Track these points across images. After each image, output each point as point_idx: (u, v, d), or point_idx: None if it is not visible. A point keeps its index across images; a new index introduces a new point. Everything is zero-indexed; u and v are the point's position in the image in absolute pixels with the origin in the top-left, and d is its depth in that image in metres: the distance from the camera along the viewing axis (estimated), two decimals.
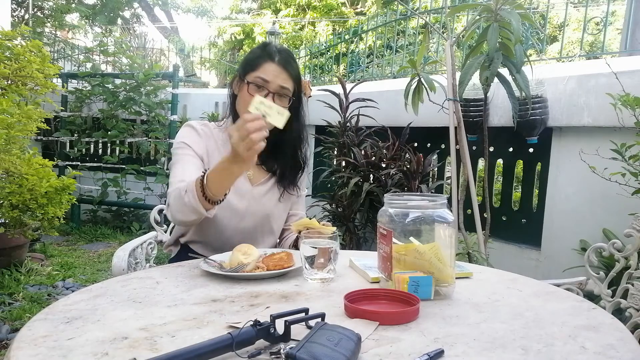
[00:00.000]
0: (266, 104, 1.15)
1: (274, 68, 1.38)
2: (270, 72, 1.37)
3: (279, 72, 1.38)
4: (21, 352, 0.73)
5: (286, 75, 1.39)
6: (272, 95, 1.37)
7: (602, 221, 2.46)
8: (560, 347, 0.77)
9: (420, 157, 3.00)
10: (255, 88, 1.37)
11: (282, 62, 1.38)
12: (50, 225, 2.42)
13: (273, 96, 1.37)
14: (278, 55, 1.39)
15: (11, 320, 2.73)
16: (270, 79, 1.37)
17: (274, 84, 1.37)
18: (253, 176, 1.50)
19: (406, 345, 0.77)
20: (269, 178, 1.52)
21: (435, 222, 1.01)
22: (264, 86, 1.37)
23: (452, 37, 2.50)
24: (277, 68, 1.38)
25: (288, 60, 1.40)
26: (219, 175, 1.20)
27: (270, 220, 1.51)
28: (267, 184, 1.51)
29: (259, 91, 1.36)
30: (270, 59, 1.38)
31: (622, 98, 2.07)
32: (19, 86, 2.39)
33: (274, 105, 1.16)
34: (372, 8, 12.37)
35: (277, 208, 1.52)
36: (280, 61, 1.38)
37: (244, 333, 0.73)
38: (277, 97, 1.38)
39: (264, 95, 1.35)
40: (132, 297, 0.98)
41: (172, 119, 4.92)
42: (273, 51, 1.40)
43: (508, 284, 1.14)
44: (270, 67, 1.37)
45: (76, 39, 9.81)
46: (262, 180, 1.51)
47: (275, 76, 1.37)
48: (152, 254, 1.67)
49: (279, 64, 1.38)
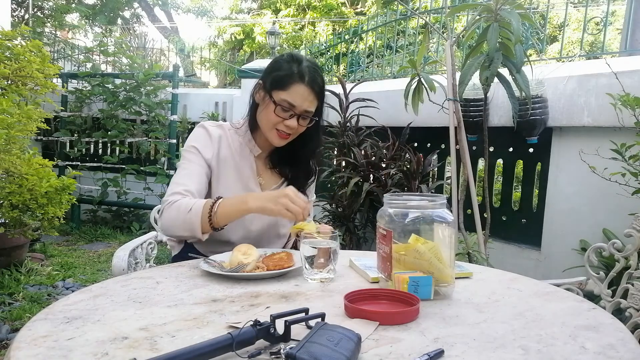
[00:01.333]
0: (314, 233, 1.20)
1: (303, 91, 1.36)
2: (299, 95, 1.36)
3: (307, 95, 1.37)
4: (21, 352, 0.73)
5: (313, 97, 1.38)
6: (296, 118, 1.38)
7: (602, 221, 2.46)
8: (560, 347, 0.77)
9: (420, 157, 3.00)
10: (281, 110, 1.37)
11: (311, 83, 1.37)
12: (50, 225, 2.42)
13: (297, 118, 1.38)
14: (308, 75, 1.37)
15: (11, 320, 2.73)
16: (298, 104, 1.36)
17: (300, 107, 1.37)
18: (264, 182, 1.50)
19: (406, 345, 0.77)
20: (280, 184, 1.52)
21: (435, 222, 1.01)
22: (291, 109, 1.37)
23: (452, 37, 2.50)
24: (306, 90, 1.36)
25: (316, 79, 1.38)
26: (235, 208, 1.25)
27: (278, 225, 1.50)
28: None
29: (284, 113, 1.37)
30: (300, 80, 1.36)
31: (622, 98, 2.07)
32: (19, 86, 2.39)
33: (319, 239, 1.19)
34: (372, 8, 12.37)
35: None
36: (309, 82, 1.37)
37: (244, 333, 0.73)
38: (301, 118, 1.39)
39: (288, 116, 1.37)
40: (132, 297, 0.98)
41: (172, 119, 4.92)
42: (304, 71, 1.37)
43: (508, 284, 1.14)
44: (299, 89, 1.36)
45: (76, 39, 9.81)
46: (273, 186, 1.51)
47: (303, 100, 1.37)
48: (152, 254, 1.67)
49: (307, 85, 1.36)
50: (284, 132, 1.39)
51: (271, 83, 1.39)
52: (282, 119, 1.37)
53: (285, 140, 1.42)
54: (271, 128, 1.40)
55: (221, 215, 1.25)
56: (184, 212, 1.26)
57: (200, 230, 1.26)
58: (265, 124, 1.41)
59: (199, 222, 1.25)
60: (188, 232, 1.28)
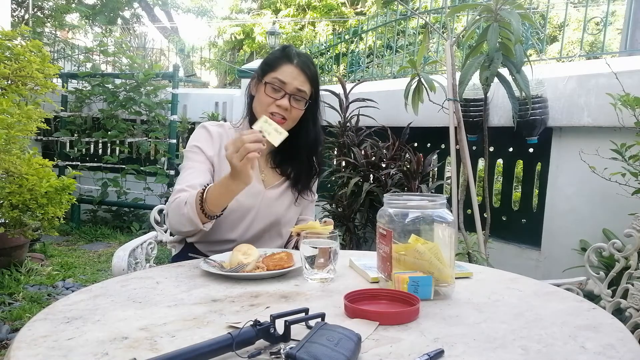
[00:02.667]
0: (269, 122, 1.20)
1: (292, 70, 1.39)
2: (289, 73, 1.38)
3: (297, 75, 1.39)
4: (21, 352, 0.73)
5: (304, 78, 1.40)
6: (288, 97, 1.38)
7: (602, 221, 2.46)
8: (560, 347, 0.77)
9: (420, 157, 3.00)
10: (272, 89, 1.38)
11: (301, 65, 1.40)
12: (50, 225, 2.41)
13: (290, 98, 1.38)
14: (297, 58, 1.40)
15: (11, 320, 2.73)
16: (288, 80, 1.38)
17: (291, 85, 1.38)
18: (266, 178, 1.50)
19: (406, 345, 0.77)
20: (283, 182, 1.52)
21: (435, 222, 1.01)
22: (281, 88, 1.38)
23: (452, 37, 2.50)
24: (295, 70, 1.39)
25: (307, 63, 1.41)
26: (218, 191, 1.23)
27: (280, 223, 1.50)
28: (280, 187, 1.51)
29: (276, 93, 1.38)
30: (289, 61, 1.39)
31: (622, 98, 2.07)
32: (19, 86, 2.39)
33: (276, 125, 1.20)
34: (372, 8, 12.37)
35: (289, 212, 1.52)
36: (298, 63, 1.39)
37: (244, 333, 0.73)
38: (294, 99, 1.39)
39: (280, 96, 1.37)
40: (132, 297, 0.98)
41: (172, 119, 4.92)
42: (292, 54, 1.41)
43: (508, 284, 1.14)
44: (288, 68, 1.39)
45: (76, 39, 9.82)
46: (276, 183, 1.50)
47: (293, 78, 1.38)
48: (152, 254, 1.67)
49: (297, 66, 1.39)
50: (279, 114, 1.38)
51: (262, 69, 1.43)
52: (274, 100, 1.38)
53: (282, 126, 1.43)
54: (265, 112, 1.38)
55: (210, 202, 1.23)
56: (182, 207, 1.27)
57: (199, 221, 1.26)
58: (259, 110, 1.41)
59: (195, 214, 1.25)
60: (190, 225, 1.28)
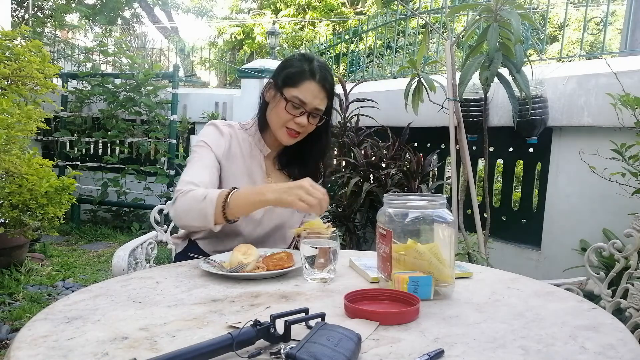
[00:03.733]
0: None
1: (314, 88, 1.37)
2: (310, 92, 1.37)
3: (317, 92, 1.38)
4: (21, 352, 0.73)
5: (324, 95, 1.40)
6: (307, 115, 1.38)
7: (602, 221, 2.46)
8: (560, 347, 0.77)
9: (420, 157, 3.00)
10: (292, 106, 1.38)
11: (322, 81, 1.38)
12: (50, 225, 2.42)
13: (308, 116, 1.39)
14: (319, 73, 1.38)
15: (11, 320, 2.73)
16: (308, 100, 1.37)
17: (311, 105, 1.38)
18: (273, 181, 1.49)
19: (406, 345, 0.77)
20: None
21: (435, 222, 1.01)
22: (301, 106, 1.38)
23: (452, 37, 2.50)
24: (317, 88, 1.38)
25: (327, 78, 1.40)
26: (250, 196, 1.22)
27: (285, 227, 1.50)
28: None
29: (295, 110, 1.38)
30: (312, 77, 1.37)
31: (622, 98, 2.06)
32: (19, 86, 2.39)
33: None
34: (372, 8, 12.37)
35: (294, 216, 1.52)
36: (320, 80, 1.38)
37: (244, 333, 0.73)
38: (311, 117, 1.40)
39: (298, 113, 1.38)
40: (132, 297, 0.98)
41: (172, 119, 4.91)
42: (315, 69, 1.38)
43: (508, 284, 1.14)
44: (310, 86, 1.37)
45: (76, 39, 9.81)
46: None
47: (313, 97, 1.38)
48: (152, 254, 1.67)
49: (319, 83, 1.38)
50: (294, 130, 1.40)
51: (283, 80, 1.40)
52: (293, 116, 1.38)
53: (294, 139, 1.43)
54: (281, 126, 1.40)
55: (235, 205, 1.22)
56: (199, 201, 1.24)
57: (213, 219, 1.23)
58: (275, 122, 1.42)
59: (213, 212, 1.22)
60: (201, 221, 1.25)
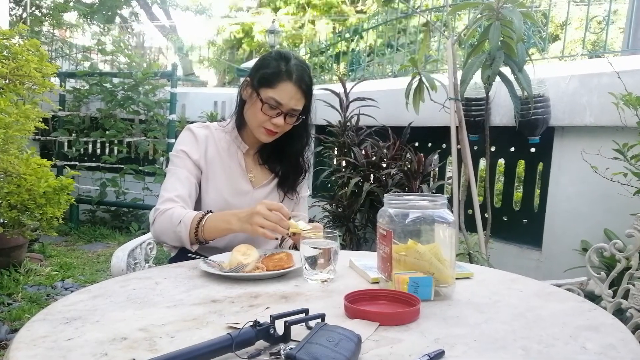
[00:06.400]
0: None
1: (290, 89, 1.37)
2: (286, 94, 1.37)
3: (294, 93, 1.38)
4: (20, 353, 0.72)
5: (300, 95, 1.39)
6: (283, 116, 1.38)
7: (604, 221, 2.46)
8: (561, 347, 0.76)
9: (421, 157, 2.99)
10: (268, 107, 1.38)
11: (299, 82, 1.38)
12: (49, 225, 2.41)
13: (284, 116, 1.39)
14: (295, 74, 1.37)
15: (10, 320, 2.73)
16: (285, 102, 1.37)
17: (287, 106, 1.38)
18: (255, 178, 1.50)
19: (406, 345, 0.76)
20: (271, 180, 1.53)
21: (435, 223, 1.01)
22: (278, 107, 1.38)
23: (454, 36, 2.49)
24: (293, 88, 1.37)
25: (303, 78, 1.39)
26: (219, 224, 1.28)
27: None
28: (269, 186, 1.52)
29: (271, 110, 1.38)
30: (288, 78, 1.37)
31: (625, 97, 2.06)
32: (17, 85, 2.38)
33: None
34: (373, 6, 12.37)
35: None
36: (297, 80, 1.37)
37: (243, 334, 0.72)
38: (288, 116, 1.40)
39: (275, 114, 1.38)
40: (131, 297, 0.98)
41: (170, 119, 4.91)
42: (292, 69, 1.38)
43: (509, 284, 1.13)
44: (286, 87, 1.37)
45: (74, 37, 9.78)
46: (264, 182, 1.51)
47: (290, 98, 1.37)
48: (151, 254, 1.67)
49: (295, 84, 1.37)
50: (271, 129, 1.40)
51: (259, 81, 1.40)
52: (269, 117, 1.38)
53: (272, 137, 1.44)
54: (258, 125, 1.41)
55: (207, 231, 1.28)
56: (175, 224, 1.30)
57: (188, 242, 1.30)
58: (252, 121, 1.42)
59: (187, 235, 1.29)
60: (178, 242, 1.33)
